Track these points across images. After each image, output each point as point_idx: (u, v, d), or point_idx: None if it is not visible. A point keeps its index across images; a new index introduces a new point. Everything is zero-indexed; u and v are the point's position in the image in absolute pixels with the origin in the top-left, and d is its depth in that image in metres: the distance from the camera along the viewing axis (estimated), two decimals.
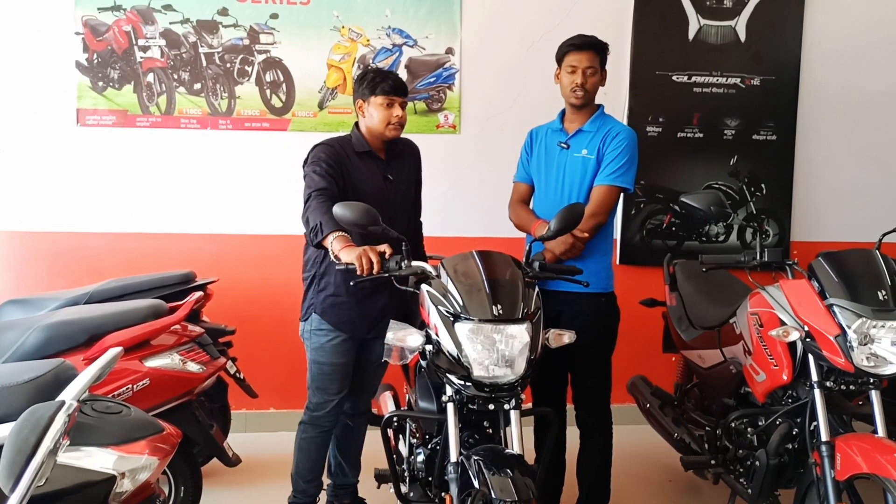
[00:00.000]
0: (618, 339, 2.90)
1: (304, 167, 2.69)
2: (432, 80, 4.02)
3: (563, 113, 2.89)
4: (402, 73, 3.98)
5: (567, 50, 2.78)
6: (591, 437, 2.88)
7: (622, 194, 2.83)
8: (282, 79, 3.96)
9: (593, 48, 2.76)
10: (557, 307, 2.68)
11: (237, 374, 3.25)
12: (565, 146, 2.83)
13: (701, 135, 4.19)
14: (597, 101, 2.86)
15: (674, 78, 4.14)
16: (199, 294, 3.07)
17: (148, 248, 3.90)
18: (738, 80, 4.17)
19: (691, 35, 4.13)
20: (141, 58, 3.89)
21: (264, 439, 2.89)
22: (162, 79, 3.91)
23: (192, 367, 2.80)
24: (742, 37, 4.16)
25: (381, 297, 2.72)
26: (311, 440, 2.79)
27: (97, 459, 1.83)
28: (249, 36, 3.93)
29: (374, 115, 2.67)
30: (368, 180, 2.69)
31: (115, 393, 2.54)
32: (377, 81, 2.66)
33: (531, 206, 2.96)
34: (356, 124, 2.78)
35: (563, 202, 2.74)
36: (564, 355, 2.78)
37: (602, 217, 2.75)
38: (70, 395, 1.67)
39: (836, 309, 2.29)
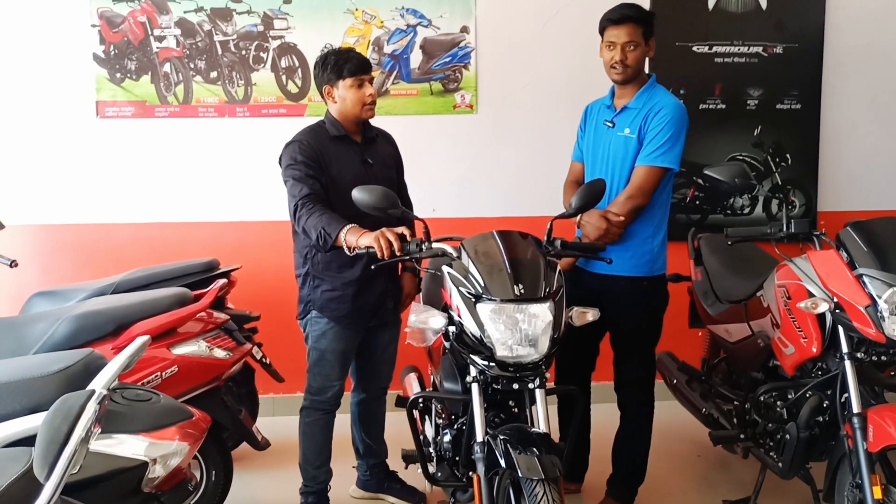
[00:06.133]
0: None
1: (280, 165, 2.63)
2: (448, 59, 3.98)
3: (614, 87, 2.78)
4: (417, 54, 3.95)
5: (605, 24, 2.66)
6: (631, 421, 2.85)
7: (669, 174, 2.68)
8: (297, 64, 3.95)
9: (633, 21, 2.62)
10: (598, 287, 2.63)
11: (263, 360, 3.28)
12: (611, 124, 2.72)
13: (723, 106, 4.11)
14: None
15: (694, 49, 4.06)
16: (223, 281, 3.09)
17: (171, 238, 3.93)
18: (761, 48, 4.08)
19: (711, 4, 4.04)
20: (157, 48, 3.90)
21: (292, 422, 2.91)
22: (178, 68, 3.92)
23: (219, 353, 2.83)
24: (763, 4, 4.06)
25: (379, 284, 2.70)
26: (314, 423, 2.78)
27: (129, 446, 1.87)
28: (263, 22, 3.92)
29: (346, 99, 2.62)
30: (347, 166, 2.64)
31: (144, 381, 2.57)
32: (342, 63, 2.59)
33: None
34: (328, 111, 2.71)
35: (608, 183, 2.64)
36: (593, 334, 2.75)
37: (640, 199, 2.63)
38: (100, 383, 1.69)
39: (865, 279, 2.25)
